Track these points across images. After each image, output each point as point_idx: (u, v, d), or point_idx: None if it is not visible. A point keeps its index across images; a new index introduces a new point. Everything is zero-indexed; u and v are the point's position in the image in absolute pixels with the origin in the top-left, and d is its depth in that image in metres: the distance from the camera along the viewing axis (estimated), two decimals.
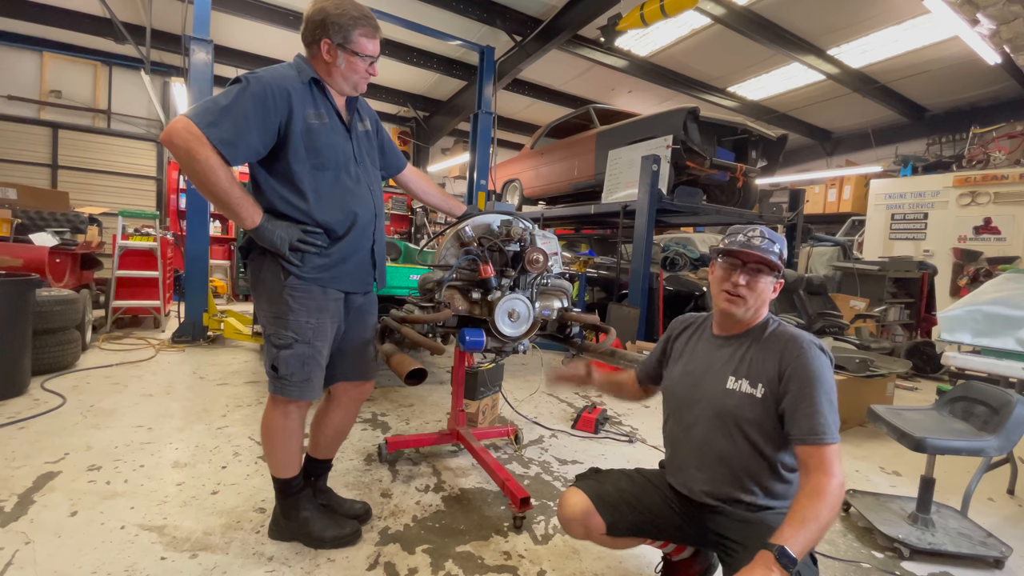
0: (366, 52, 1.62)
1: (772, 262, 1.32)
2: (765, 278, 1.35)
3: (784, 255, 1.37)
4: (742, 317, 1.39)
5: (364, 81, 1.68)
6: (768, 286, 1.36)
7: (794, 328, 1.37)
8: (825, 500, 1.11)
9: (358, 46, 1.60)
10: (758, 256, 1.32)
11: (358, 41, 1.60)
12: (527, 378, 4.45)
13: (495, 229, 1.97)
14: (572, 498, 1.48)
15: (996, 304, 2.80)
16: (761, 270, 1.34)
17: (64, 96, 8.02)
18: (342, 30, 1.58)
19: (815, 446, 1.19)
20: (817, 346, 1.29)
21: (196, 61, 4.57)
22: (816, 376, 1.23)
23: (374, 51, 1.64)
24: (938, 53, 6.86)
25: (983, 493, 2.60)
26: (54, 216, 5.39)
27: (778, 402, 1.28)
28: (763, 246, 1.32)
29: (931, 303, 6.19)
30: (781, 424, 1.28)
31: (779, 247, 1.35)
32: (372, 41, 1.63)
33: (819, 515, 1.09)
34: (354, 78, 1.65)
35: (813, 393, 1.22)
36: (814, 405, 1.21)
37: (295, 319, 1.62)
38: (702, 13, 6.08)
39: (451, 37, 6.03)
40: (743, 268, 1.35)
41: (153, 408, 3.06)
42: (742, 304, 1.36)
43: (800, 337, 1.31)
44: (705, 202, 5.21)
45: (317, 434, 1.92)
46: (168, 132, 1.40)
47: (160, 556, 1.69)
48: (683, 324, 1.62)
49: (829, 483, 1.14)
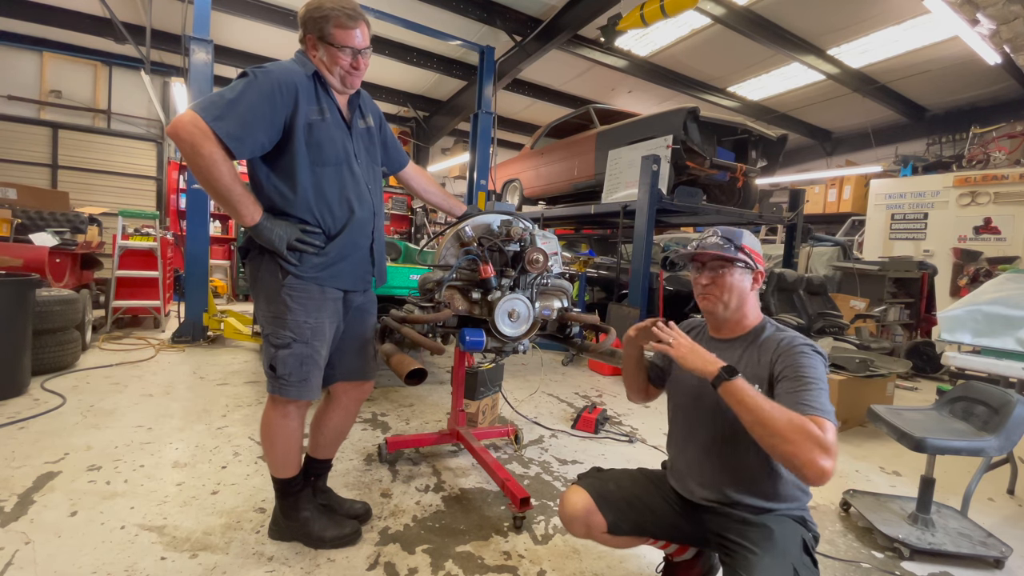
0: (344, 43, 1.60)
1: (727, 256, 1.36)
2: (731, 272, 1.37)
3: (747, 245, 1.38)
4: (723, 315, 1.41)
5: (350, 76, 1.66)
6: (739, 279, 1.38)
7: (790, 332, 1.37)
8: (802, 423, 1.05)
9: (334, 37, 1.60)
10: (712, 254, 1.38)
11: (333, 33, 1.59)
12: (527, 378, 4.45)
13: (495, 229, 1.97)
14: (574, 496, 1.48)
15: (996, 304, 2.80)
16: (723, 266, 1.38)
17: (64, 96, 8.02)
18: (317, 23, 1.60)
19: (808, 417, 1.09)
20: (810, 346, 1.29)
21: (196, 61, 4.57)
22: (807, 368, 1.21)
23: (351, 42, 1.61)
24: (938, 53, 6.86)
25: (983, 493, 2.60)
26: (54, 216, 5.40)
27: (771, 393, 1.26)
28: (719, 243, 1.38)
29: (931, 303, 6.19)
30: None
31: (740, 240, 1.38)
32: (346, 32, 1.60)
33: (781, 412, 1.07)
34: (338, 71, 1.64)
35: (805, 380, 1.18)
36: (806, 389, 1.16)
37: (293, 318, 1.62)
38: (702, 13, 6.08)
39: (451, 37, 6.04)
40: (704, 268, 1.41)
41: (153, 408, 3.06)
42: (716, 301, 1.40)
43: (793, 338, 1.31)
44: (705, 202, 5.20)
45: (317, 434, 1.92)
46: (174, 125, 1.40)
47: (160, 556, 1.69)
48: (685, 328, 1.62)
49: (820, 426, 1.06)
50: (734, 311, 1.40)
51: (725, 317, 1.42)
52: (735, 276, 1.37)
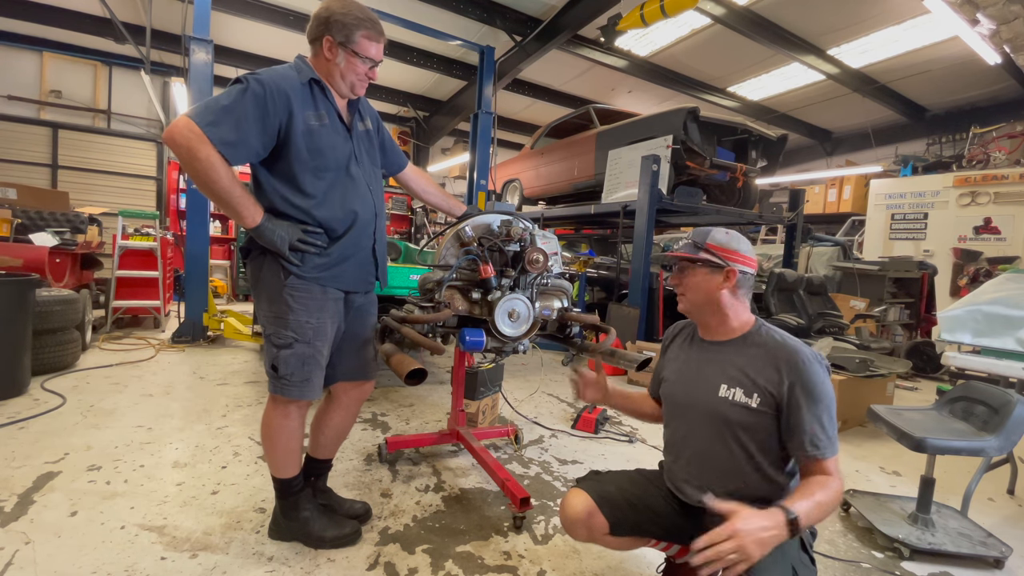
0: (367, 54, 1.63)
1: (688, 256, 1.40)
2: (693, 271, 1.41)
3: (713, 243, 1.38)
4: (697, 315, 1.46)
5: (361, 84, 1.69)
6: (703, 279, 1.38)
7: (786, 337, 1.36)
8: (828, 487, 1.17)
9: (359, 47, 1.61)
10: (676, 255, 1.45)
11: (360, 42, 1.61)
12: (527, 378, 4.45)
13: (495, 229, 1.97)
14: (574, 499, 1.47)
15: (996, 304, 2.80)
16: (685, 267, 1.43)
17: (64, 96, 8.02)
18: (345, 28, 1.59)
19: (816, 460, 1.22)
20: (816, 360, 1.29)
21: (196, 61, 4.57)
22: (818, 393, 1.25)
23: (375, 55, 1.65)
24: (938, 53, 6.86)
25: (983, 493, 2.60)
26: (54, 216, 5.40)
27: (777, 416, 1.28)
28: (683, 246, 1.45)
29: (931, 303, 6.19)
30: (777, 435, 1.29)
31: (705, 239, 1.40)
32: (374, 44, 1.64)
33: (824, 497, 1.15)
34: (352, 79, 1.65)
35: (815, 411, 1.24)
36: (815, 422, 1.23)
37: (295, 319, 1.62)
38: (702, 13, 6.08)
39: (451, 37, 6.04)
40: (672, 270, 1.49)
41: (153, 408, 3.06)
42: (682, 299, 1.46)
43: (797, 351, 1.29)
44: (705, 202, 5.20)
45: (317, 434, 1.92)
46: (170, 131, 1.41)
47: (160, 556, 1.69)
48: (677, 330, 1.64)
49: (831, 479, 1.20)
50: (705, 310, 1.42)
51: (700, 318, 1.46)
52: (697, 276, 1.40)
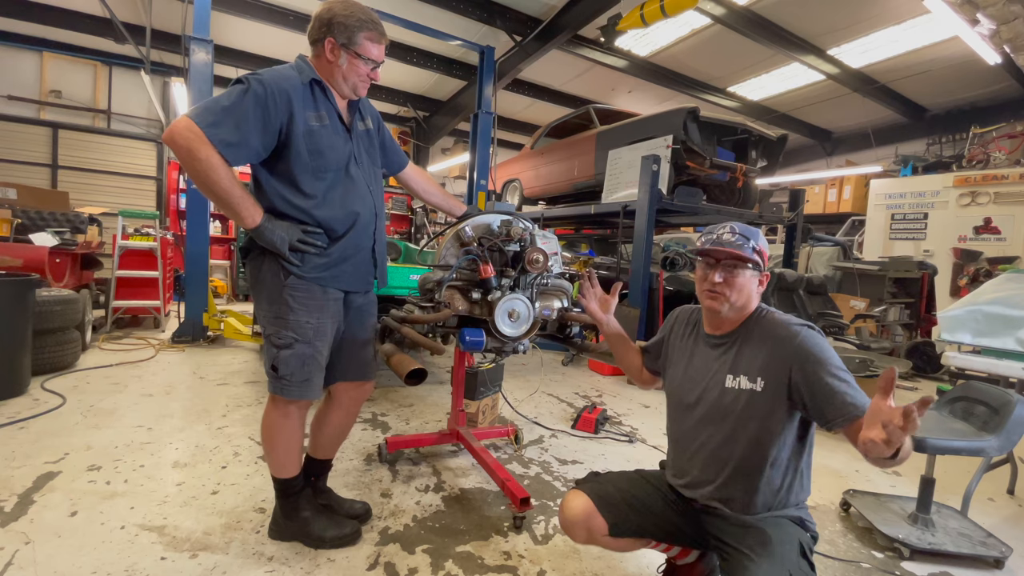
0: (369, 56, 1.63)
1: (744, 256, 1.32)
2: (743, 273, 1.34)
3: (761, 247, 1.36)
4: (727, 315, 1.39)
5: (363, 85, 1.69)
6: (749, 281, 1.35)
7: (780, 314, 1.36)
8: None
9: (362, 48, 1.62)
10: (728, 252, 1.33)
11: (362, 44, 1.62)
12: (527, 378, 4.45)
13: (495, 229, 1.97)
14: (573, 500, 1.47)
15: (996, 304, 2.80)
16: (736, 265, 1.34)
17: (64, 96, 8.02)
18: (347, 30, 1.59)
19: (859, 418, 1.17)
20: (807, 327, 1.29)
21: (196, 61, 4.57)
22: (826, 356, 1.24)
23: (377, 56, 1.65)
24: (938, 53, 6.86)
25: (983, 493, 2.60)
26: (54, 216, 5.40)
27: (789, 394, 1.27)
28: (735, 241, 1.33)
29: (931, 303, 6.18)
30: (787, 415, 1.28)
31: (753, 242, 1.34)
32: (376, 46, 1.65)
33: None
34: (354, 80, 1.66)
35: (831, 370, 1.22)
36: (840, 383, 1.21)
37: (295, 319, 1.62)
38: (702, 13, 6.08)
39: (451, 37, 6.04)
40: (718, 265, 1.36)
41: (153, 408, 3.06)
42: (724, 301, 1.35)
43: (788, 323, 1.31)
44: (705, 202, 5.19)
45: (317, 434, 1.92)
46: (170, 131, 1.41)
47: (160, 556, 1.69)
48: (680, 320, 1.61)
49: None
50: (739, 310, 1.39)
51: (726, 315, 1.40)
52: (746, 277, 1.34)
